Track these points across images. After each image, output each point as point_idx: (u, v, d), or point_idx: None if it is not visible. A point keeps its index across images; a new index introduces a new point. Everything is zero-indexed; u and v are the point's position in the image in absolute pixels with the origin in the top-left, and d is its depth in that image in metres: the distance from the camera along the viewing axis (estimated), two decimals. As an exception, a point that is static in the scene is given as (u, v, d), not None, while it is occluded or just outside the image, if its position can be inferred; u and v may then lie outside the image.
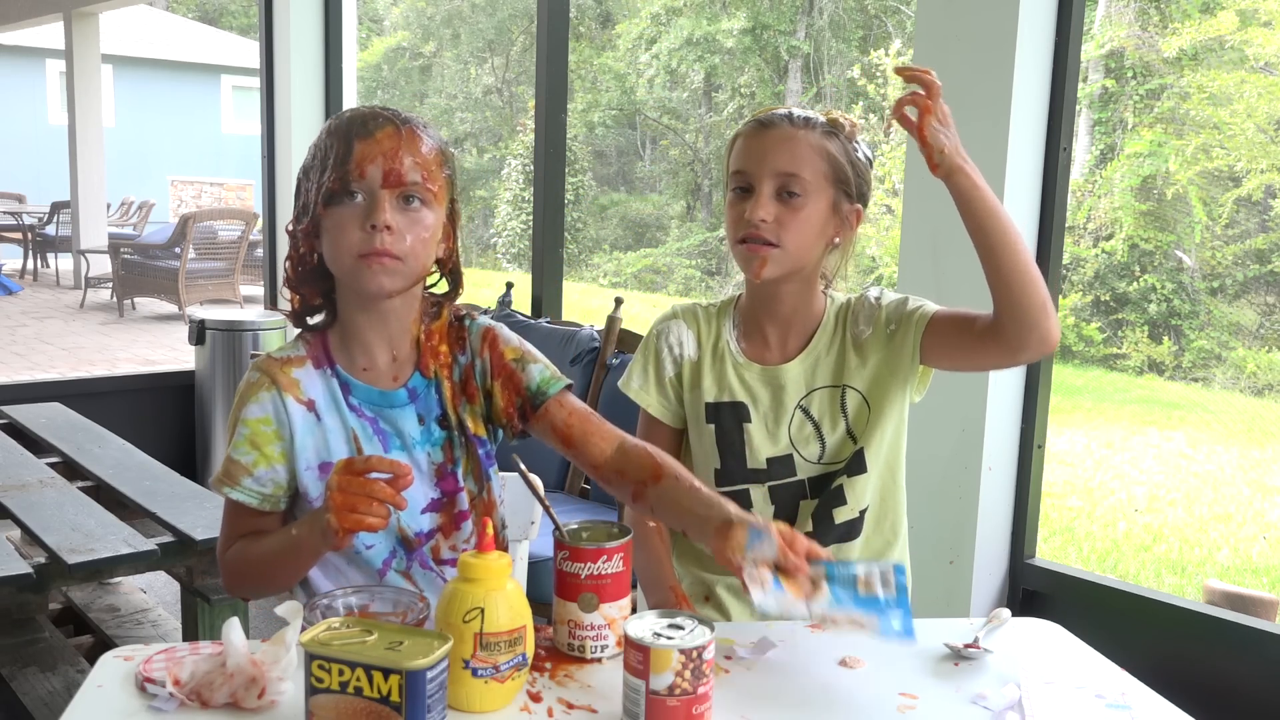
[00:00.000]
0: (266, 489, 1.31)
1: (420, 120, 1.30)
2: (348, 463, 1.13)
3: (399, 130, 1.25)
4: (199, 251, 8.90)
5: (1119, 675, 1.25)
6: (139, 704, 1.09)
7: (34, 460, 2.88)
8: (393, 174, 1.24)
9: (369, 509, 1.10)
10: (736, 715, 1.11)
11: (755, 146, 1.42)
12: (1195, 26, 11.32)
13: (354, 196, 1.25)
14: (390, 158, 1.24)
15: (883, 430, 1.48)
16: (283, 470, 1.32)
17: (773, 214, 1.39)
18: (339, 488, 1.11)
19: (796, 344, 1.50)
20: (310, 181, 1.29)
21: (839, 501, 1.49)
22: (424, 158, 1.27)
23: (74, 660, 2.61)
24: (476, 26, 20.05)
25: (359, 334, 1.34)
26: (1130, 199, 11.35)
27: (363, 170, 1.24)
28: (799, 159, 1.40)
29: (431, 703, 0.97)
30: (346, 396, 1.34)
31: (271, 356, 1.35)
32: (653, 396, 1.53)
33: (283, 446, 1.31)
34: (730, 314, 1.54)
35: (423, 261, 1.29)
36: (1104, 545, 5.48)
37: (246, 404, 1.31)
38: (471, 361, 1.38)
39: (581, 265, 16.47)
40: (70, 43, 9.84)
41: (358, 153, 1.24)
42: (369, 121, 1.26)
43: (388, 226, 1.24)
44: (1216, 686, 2.12)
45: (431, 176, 1.27)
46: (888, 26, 16.32)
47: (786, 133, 1.41)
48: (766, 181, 1.40)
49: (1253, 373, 10.21)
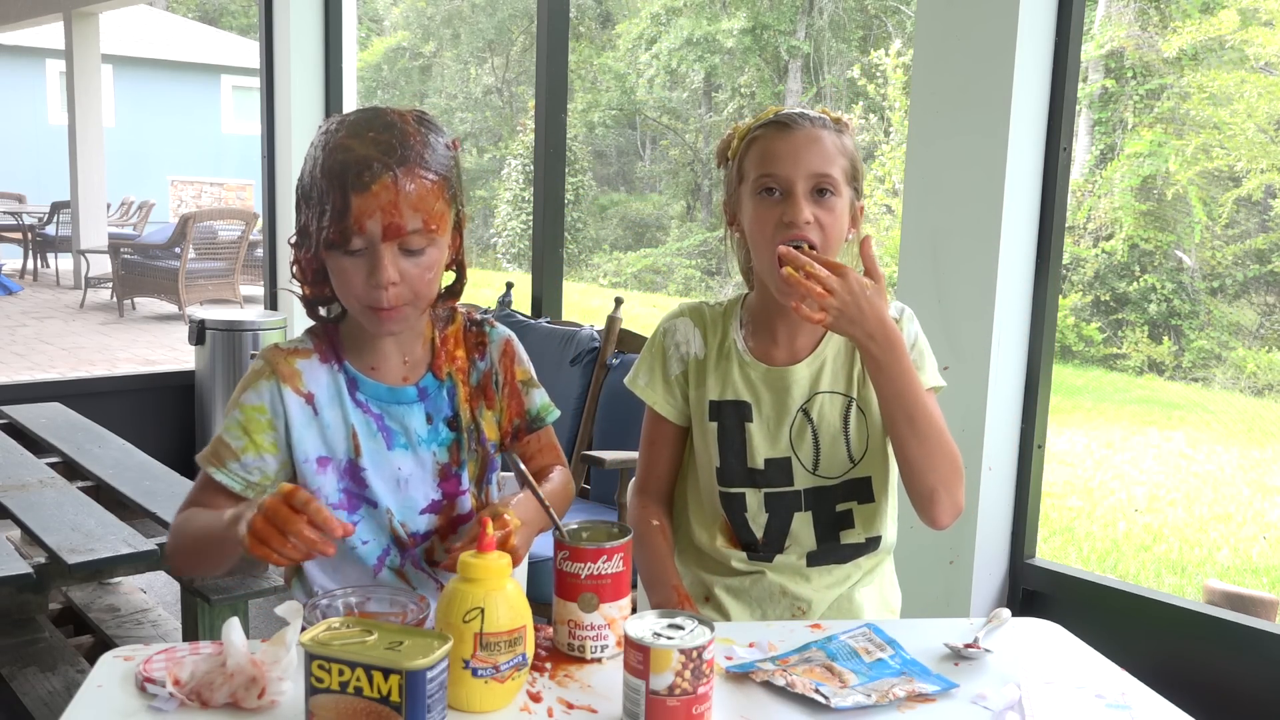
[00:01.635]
0: (253, 476, 1.30)
1: (416, 145, 1.23)
2: (290, 493, 1.08)
3: (396, 178, 1.20)
4: (199, 251, 8.90)
5: (1119, 675, 1.25)
6: (139, 704, 1.08)
7: (34, 460, 2.87)
8: (392, 227, 1.21)
9: (280, 546, 1.07)
10: (737, 715, 1.11)
11: (784, 148, 1.41)
12: (1195, 26, 11.32)
13: (354, 248, 1.22)
14: (389, 212, 1.20)
15: (884, 452, 1.48)
16: (272, 461, 1.31)
17: (811, 215, 1.40)
18: (265, 513, 1.07)
19: (805, 345, 1.50)
20: (309, 211, 1.25)
21: (847, 524, 1.50)
22: (424, 199, 1.22)
23: (74, 660, 2.61)
24: (476, 26, 20.05)
25: (370, 338, 1.34)
26: (1130, 199, 11.35)
27: (362, 225, 1.20)
28: (829, 158, 1.41)
29: (431, 703, 0.97)
30: (353, 392, 1.34)
31: (278, 346, 1.35)
32: (659, 394, 1.53)
33: (274, 437, 1.31)
34: (737, 313, 1.54)
35: (430, 293, 1.29)
36: (1104, 545, 5.48)
37: (245, 390, 1.32)
38: (490, 369, 1.41)
39: (581, 265, 16.47)
40: (70, 43, 9.84)
41: (355, 208, 1.19)
42: (364, 172, 1.19)
43: (393, 283, 1.23)
44: (1216, 686, 2.12)
45: (433, 215, 1.23)
46: (888, 26, 16.32)
47: (813, 133, 1.42)
48: (801, 182, 1.40)
49: (1253, 373, 10.21)
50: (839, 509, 1.49)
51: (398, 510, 1.35)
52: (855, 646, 1.25)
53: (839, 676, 1.18)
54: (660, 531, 1.53)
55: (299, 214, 1.28)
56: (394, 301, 1.24)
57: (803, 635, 1.30)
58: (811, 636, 1.29)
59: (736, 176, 1.47)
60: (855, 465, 1.48)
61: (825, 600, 1.51)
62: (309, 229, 1.25)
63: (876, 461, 1.49)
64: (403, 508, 1.35)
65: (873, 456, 1.49)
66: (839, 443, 1.48)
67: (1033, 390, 2.38)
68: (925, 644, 1.27)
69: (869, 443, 1.48)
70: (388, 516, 1.34)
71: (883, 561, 1.57)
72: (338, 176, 1.20)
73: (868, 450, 1.48)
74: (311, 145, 1.26)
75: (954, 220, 2.35)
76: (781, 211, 1.39)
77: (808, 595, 1.49)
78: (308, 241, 1.26)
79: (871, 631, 1.29)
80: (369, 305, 1.25)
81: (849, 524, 1.50)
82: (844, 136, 1.45)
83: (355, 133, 1.23)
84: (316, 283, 1.32)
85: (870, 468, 1.49)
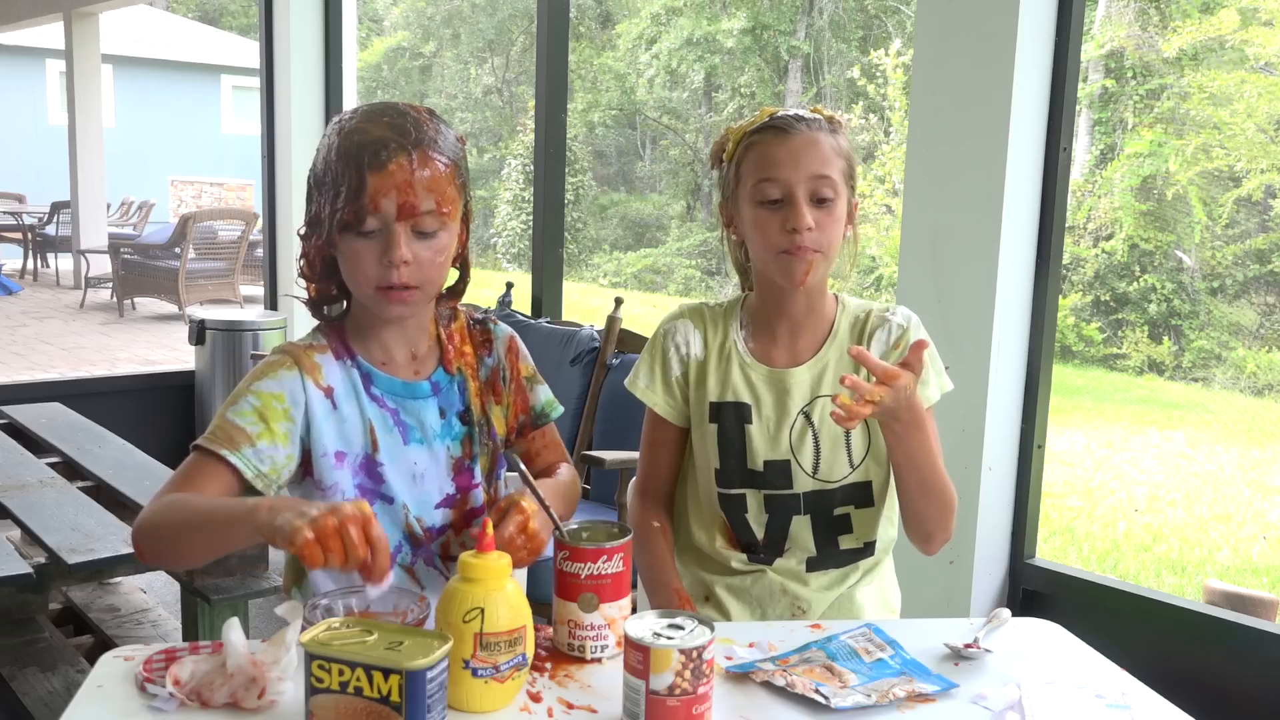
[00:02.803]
0: (264, 465, 1.24)
1: (429, 131, 1.26)
2: (369, 520, 1.04)
3: (411, 159, 1.22)
4: (199, 251, 8.90)
5: (1119, 675, 1.25)
6: (139, 704, 1.08)
7: (34, 460, 2.87)
8: (407, 206, 1.23)
9: (334, 557, 1.02)
10: (736, 715, 1.11)
11: (783, 154, 1.40)
12: (1195, 26, 11.31)
13: (368, 228, 1.24)
14: (404, 191, 1.22)
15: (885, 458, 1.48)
16: (282, 453, 1.26)
17: (813, 220, 1.39)
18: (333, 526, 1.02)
19: (806, 347, 1.49)
20: (322, 197, 1.26)
21: (844, 529, 1.50)
22: (438, 181, 1.24)
23: (74, 660, 2.61)
24: (476, 26, 20.04)
25: (376, 333, 1.35)
26: (1130, 199, 11.35)
27: (377, 204, 1.22)
28: (827, 162, 1.41)
29: (431, 703, 0.97)
30: (368, 387, 1.34)
31: (295, 343, 1.35)
32: (659, 395, 1.53)
33: (289, 428, 1.27)
34: (737, 314, 1.53)
35: (440, 280, 1.31)
36: (1104, 545, 5.48)
37: (262, 378, 1.28)
38: (498, 364, 1.43)
39: (581, 265, 16.47)
40: (70, 43, 9.83)
41: (371, 186, 1.21)
42: (380, 151, 1.21)
43: (405, 261, 1.24)
44: (1216, 686, 2.12)
45: (445, 199, 1.25)
46: (888, 26, 16.32)
47: (810, 137, 1.41)
48: (801, 188, 1.39)
49: (1253, 373, 10.21)
50: (837, 513, 1.49)
51: (413, 505, 1.35)
52: (855, 646, 1.26)
53: (839, 676, 1.18)
54: (661, 533, 1.53)
55: (309, 204, 1.29)
56: (406, 280, 1.25)
57: (803, 635, 1.30)
58: (811, 636, 1.29)
59: (734, 179, 1.46)
60: (855, 470, 1.48)
61: (825, 600, 1.51)
62: (320, 216, 1.26)
63: (876, 467, 1.49)
64: (418, 502, 1.35)
65: (873, 462, 1.48)
66: (840, 447, 1.47)
67: (1033, 390, 2.38)
68: (925, 644, 1.27)
69: (870, 448, 1.48)
70: (403, 512, 1.34)
71: (882, 561, 1.57)
72: (354, 157, 1.22)
73: (868, 456, 1.48)
74: (324, 136, 1.28)
75: (954, 220, 2.35)
76: (784, 218, 1.39)
77: (807, 596, 1.50)
78: (319, 229, 1.27)
79: (871, 631, 1.29)
80: (380, 285, 1.25)
81: (847, 529, 1.49)
82: (839, 136, 1.44)
83: (370, 118, 1.25)
84: (323, 278, 1.32)
85: (870, 473, 1.49)
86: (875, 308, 1.51)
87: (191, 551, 1.24)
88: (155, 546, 1.22)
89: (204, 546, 1.23)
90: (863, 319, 1.50)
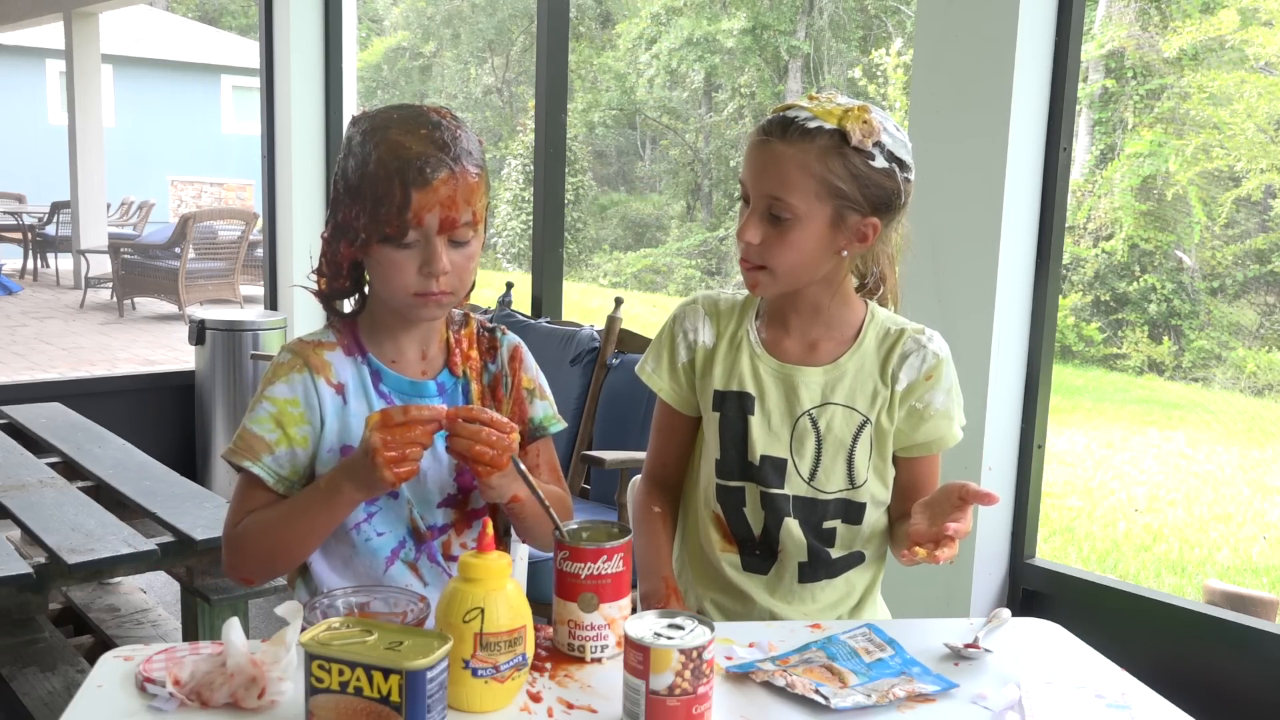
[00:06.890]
0: (284, 470, 1.31)
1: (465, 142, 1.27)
2: (386, 414, 1.19)
3: (454, 175, 1.25)
4: (199, 251, 8.90)
5: (1119, 675, 1.25)
6: (139, 704, 1.08)
7: (34, 460, 2.88)
8: (448, 221, 1.26)
9: (417, 456, 1.19)
10: (736, 715, 1.11)
11: (753, 161, 1.39)
12: (1195, 26, 11.32)
13: (409, 240, 1.26)
14: (447, 206, 1.25)
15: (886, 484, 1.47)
16: (303, 455, 1.32)
17: (760, 236, 1.37)
18: (385, 445, 1.17)
19: (826, 350, 1.46)
20: (356, 205, 1.27)
21: (829, 542, 1.48)
22: (473, 193, 1.28)
23: (74, 660, 2.61)
24: (476, 26, 20.04)
25: (391, 331, 1.37)
26: (1130, 199, 11.35)
27: (420, 219, 1.25)
28: (786, 183, 1.34)
29: (431, 703, 0.97)
30: (376, 384, 1.36)
31: (303, 340, 1.37)
32: (664, 381, 1.53)
33: (307, 430, 1.32)
34: (756, 303, 1.52)
35: (470, 282, 1.34)
36: (1104, 545, 5.48)
37: (275, 383, 1.32)
38: (500, 372, 1.45)
39: (581, 265, 16.47)
40: (70, 43, 9.83)
41: (416, 203, 1.24)
42: (425, 168, 1.24)
43: (445, 272, 1.27)
44: (1216, 686, 2.12)
45: (479, 208, 1.29)
46: (888, 26, 16.32)
47: (777, 151, 1.35)
48: (758, 201, 1.38)
49: (1253, 373, 10.21)
50: (826, 526, 1.46)
51: (417, 502, 1.36)
52: (855, 646, 1.26)
53: (839, 676, 1.18)
54: (661, 519, 1.53)
55: (338, 209, 1.30)
56: (444, 288, 1.29)
57: (803, 635, 1.30)
58: (811, 636, 1.29)
59: None
60: (854, 489, 1.45)
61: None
62: (354, 224, 1.27)
63: (876, 490, 1.46)
64: (421, 500, 1.37)
65: (874, 485, 1.46)
66: (841, 459, 1.45)
67: (1033, 390, 2.38)
68: (925, 644, 1.27)
69: (873, 470, 1.45)
70: (407, 506, 1.36)
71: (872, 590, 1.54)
72: (397, 173, 1.24)
73: (870, 477, 1.46)
74: (350, 142, 1.29)
75: (954, 220, 2.35)
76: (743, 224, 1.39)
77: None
78: (350, 235, 1.28)
79: (871, 631, 1.30)
80: (418, 293, 1.28)
81: (831, 542, 1.47)
82: (837, 152, 1.33)
83: (407, 129, 1.26)
84: (338, 276, 1.34)
85: (868, 494, 1.46)
86: (909, 327, 1.47)
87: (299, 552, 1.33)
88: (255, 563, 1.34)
89: (307, 542, 1.32)
90: (894, 335, 1.46)
